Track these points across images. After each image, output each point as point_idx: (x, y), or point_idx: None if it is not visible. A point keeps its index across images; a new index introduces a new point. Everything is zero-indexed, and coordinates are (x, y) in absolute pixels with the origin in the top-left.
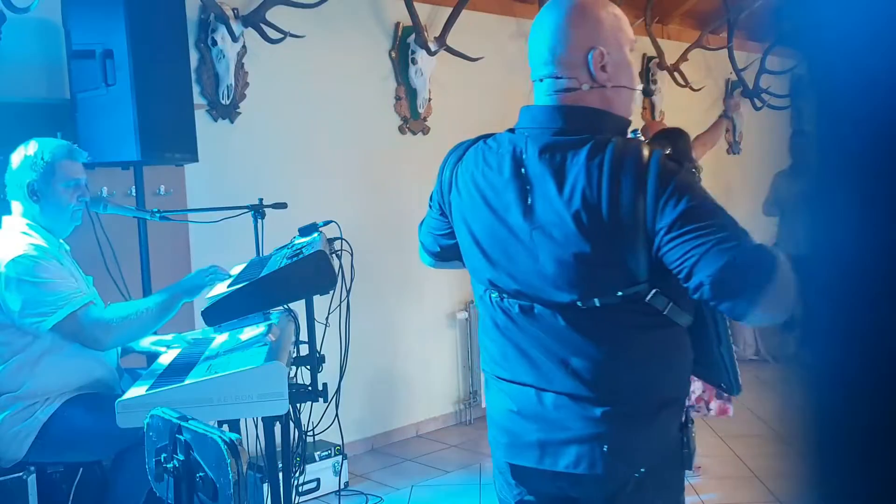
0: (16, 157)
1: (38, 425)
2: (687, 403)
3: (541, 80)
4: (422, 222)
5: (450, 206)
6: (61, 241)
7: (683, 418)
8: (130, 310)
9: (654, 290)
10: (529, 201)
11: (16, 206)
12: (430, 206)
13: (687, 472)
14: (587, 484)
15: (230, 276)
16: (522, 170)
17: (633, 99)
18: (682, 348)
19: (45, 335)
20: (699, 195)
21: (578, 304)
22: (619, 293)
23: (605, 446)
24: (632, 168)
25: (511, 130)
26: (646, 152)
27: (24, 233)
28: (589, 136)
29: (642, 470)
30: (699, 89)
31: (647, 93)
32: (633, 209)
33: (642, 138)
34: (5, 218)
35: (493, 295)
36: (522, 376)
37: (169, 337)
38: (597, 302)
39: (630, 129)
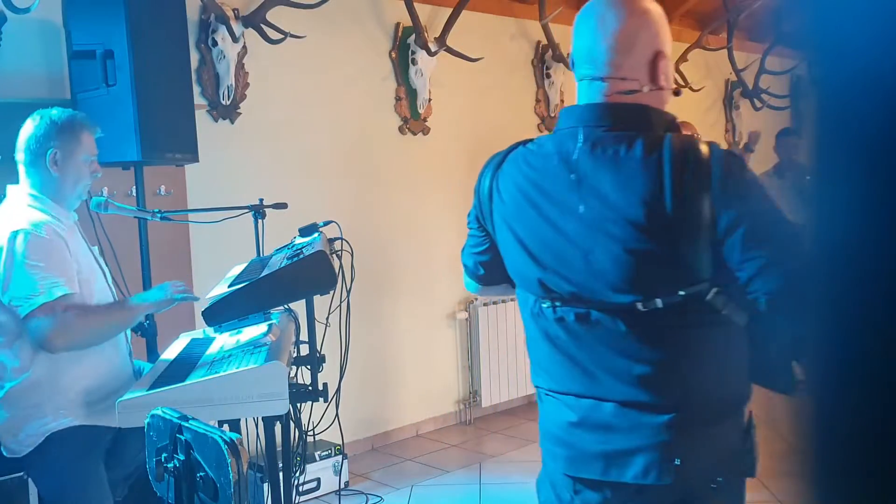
0: (38, 123)
1: (46, 431)
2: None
3: (598, 80)
4: (463, 248)
5: (491, 216)
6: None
7: (746, 421)
8: (91, 320)
9: (714, 289)
10: (580, 199)
11: (25, 173)
12: (469, 227)
13: None
14: (654, 494)
15: (197, 299)
16: (571, 167)
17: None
18: (741, 348)
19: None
20: (761, 195)
21: (639, 305)
22: (682, 292)
23: (676, 456)
24: (695, 163)
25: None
26: (705, 147)
27: (31, 206)
28: (639, 131)
29: (720, 479)
30: (699, 90)
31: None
32: (697, 205)
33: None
34: (10, 187)
35: (544, 305)
36: (579, 388)
37: None
38: (659, 303)
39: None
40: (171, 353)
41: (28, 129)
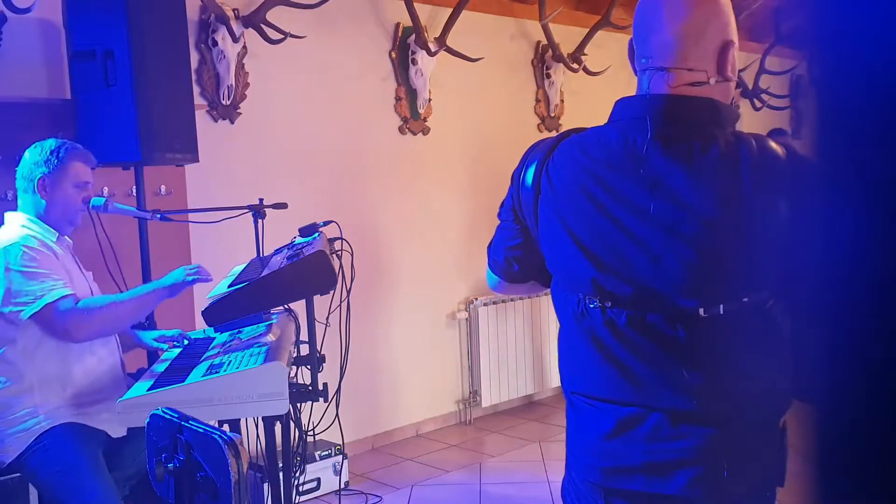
0: (32, 152)
1: (37, 431)
2: None
3: (663, 70)
4: (490, 242)
5: (534, 208)
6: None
7: (780, 430)
8: (105, 303)
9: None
10: (651, 197)
11: (22, 200)
12: (502, 219)
13: None
14: None
15: (210, 279)
16: (640, 162)
17: None
18: (784, 357)
19: (29, 325)
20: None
21: (700, 311)
22: (745, 299)
23: (724, 468)
24: (773, 164)
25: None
26: (781, 148)
27: (23, 225)
28: (712, 128)
29: (768, 494)
30: None
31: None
32: (772, 207)
33: None
34: (7, 213)
35: (591, 306)
36: (624, 395)
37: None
38: (721, 309)
39: None
40: (171, 353)
41: (27, 156)
